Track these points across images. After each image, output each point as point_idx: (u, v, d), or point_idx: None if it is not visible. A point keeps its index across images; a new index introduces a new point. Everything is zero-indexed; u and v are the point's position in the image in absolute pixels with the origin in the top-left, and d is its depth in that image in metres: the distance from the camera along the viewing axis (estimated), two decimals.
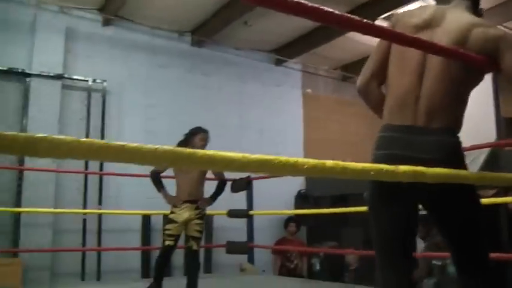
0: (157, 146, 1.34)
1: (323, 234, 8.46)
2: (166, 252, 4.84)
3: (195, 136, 4.86)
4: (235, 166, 1.44)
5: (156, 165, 4.70)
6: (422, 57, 2.14)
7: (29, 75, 7.09)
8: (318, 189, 8.73)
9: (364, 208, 6.11)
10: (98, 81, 7.61)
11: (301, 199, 8.94)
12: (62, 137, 1.21)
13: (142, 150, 1.31)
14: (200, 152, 1.41)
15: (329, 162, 1.64)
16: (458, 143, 2.17)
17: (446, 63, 2.10)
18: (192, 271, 4.86)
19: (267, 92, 9.49)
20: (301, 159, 1.58)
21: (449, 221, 2.14)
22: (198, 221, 4.82)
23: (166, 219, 4.90)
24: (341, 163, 1.70)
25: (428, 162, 1.94)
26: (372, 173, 1.80)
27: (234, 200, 7.25)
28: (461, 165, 2.13)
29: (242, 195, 7.28)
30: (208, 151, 1.42)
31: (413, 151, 2.05)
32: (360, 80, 2.36)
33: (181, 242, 5.02)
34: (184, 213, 4.77)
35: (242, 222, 7.51)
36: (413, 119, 2.11)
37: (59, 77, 7.28)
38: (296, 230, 8.38)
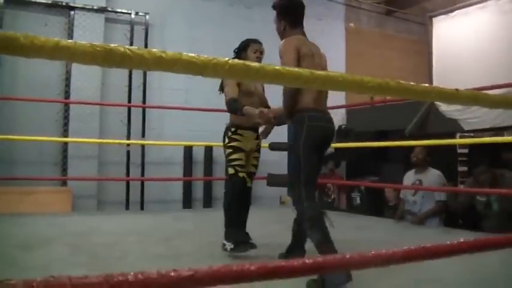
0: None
1: (363, 169, 8.46)
2: (243, 186, 4.06)
3: (247, 49, 4.18)
4: (301, 81, 1.44)
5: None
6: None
7: (73, 8, 7.14)
8: (359, 124, 8.67)
9: (404, 143, 6.08)
10: (140, 14, 7.61)
11: (342, 134, 8.89)
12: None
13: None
14: (270, 66, 1.39)
15: (392, 82, 1.63)
16: None
17: None
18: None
19: (308, 25, 9.12)
20: (367, 77, 1.57)
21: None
22: (257, 154, 4.26)
23: (231, 148, 4.09)
24: (405, 83, 1.70)
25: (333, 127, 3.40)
26: (433, 94, 1.81)
27: (275, 133, 7.26)
28: None
29: (283, 128, 7.27)
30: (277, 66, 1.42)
31: (329, 122, 3.37)
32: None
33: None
34: (248, 143, 4.14)
35: (282, 156, 7.54)
36: (323, 106, 3.40)
37: (102, 10, 7.32)
38: (334, 168, 8.40)
